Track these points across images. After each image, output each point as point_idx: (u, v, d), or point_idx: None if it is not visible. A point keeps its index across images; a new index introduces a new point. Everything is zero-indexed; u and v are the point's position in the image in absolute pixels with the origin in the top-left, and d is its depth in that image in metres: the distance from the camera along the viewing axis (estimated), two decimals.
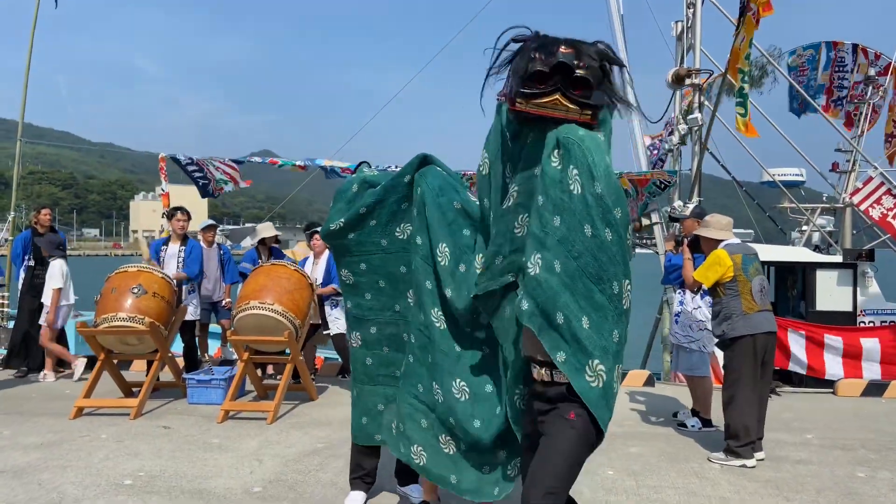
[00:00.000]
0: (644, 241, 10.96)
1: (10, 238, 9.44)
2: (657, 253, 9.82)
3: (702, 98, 9.82)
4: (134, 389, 6.72)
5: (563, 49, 2.52)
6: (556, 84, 2.50)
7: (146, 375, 6.67)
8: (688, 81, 9.71)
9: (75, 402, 6.19)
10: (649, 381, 7.82)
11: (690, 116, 9.68)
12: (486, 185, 2.99)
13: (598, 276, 2.42)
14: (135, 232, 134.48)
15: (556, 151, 2.52)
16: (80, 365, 7.63)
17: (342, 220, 3.71)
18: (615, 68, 2.65)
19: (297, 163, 9.23)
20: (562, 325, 2.43)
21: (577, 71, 2.48)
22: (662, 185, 8.87)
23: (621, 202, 2.47)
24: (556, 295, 2.43)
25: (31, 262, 7.85)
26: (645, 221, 9.80)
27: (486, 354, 3.26)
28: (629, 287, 2.48)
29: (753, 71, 7.73)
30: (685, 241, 5.77)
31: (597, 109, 2.56)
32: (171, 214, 7.61)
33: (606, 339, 2.43)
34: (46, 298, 7.46)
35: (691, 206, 6.67)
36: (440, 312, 3.31)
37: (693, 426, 5.99)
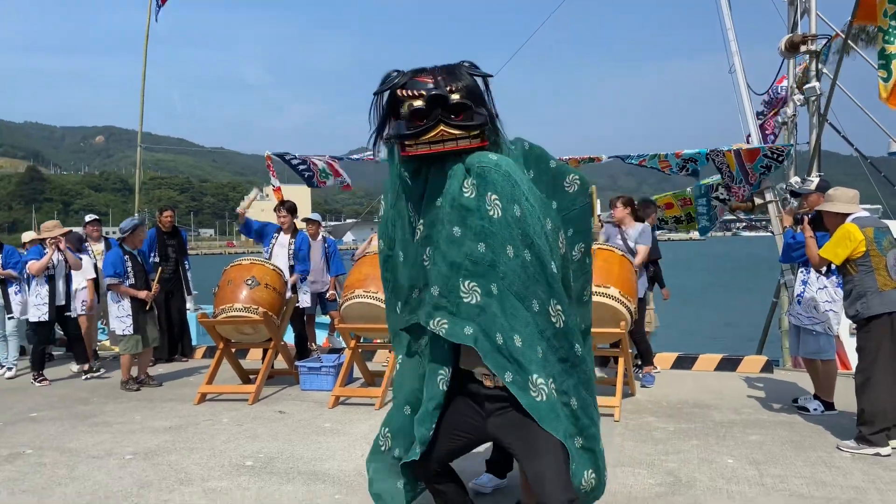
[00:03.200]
0: (753, 223, 10.34)
1: None
2: (772, 233, 9.23)
3: (819, 65, 9.12)
4: (251, 376, 7.04)
5: (429, 79, 2.58)
6: (437, 116, 2.55)
7: (261, 363, 6.98)
8: (803, 49, 9.04)
9: (199, 389, 6.58)
10: (767, 367, 7.42)
11: (808, 86, 9.01)
12: (388, 225, 3.03)
13: (523, 294, 2.58)
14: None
15: (467, 181, 2.60)
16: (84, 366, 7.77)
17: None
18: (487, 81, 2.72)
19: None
20: (502, 346, 2.59)
21: (452, 96, 2.55)
22: (776, 156, 8.29)
23: (545, 221, 2.61)
24: (495, 317, 2.59)
25: (157, 259, 8.37)
26: (758, 200, 9.20)
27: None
28: (558, 308, 2.60)
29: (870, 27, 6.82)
30: (805, 218, 5.39)
31: (483, 128, 2.63)
32: (275, 209, 7.99)
33: (537, 353, 2.59)
34: (82, 290, 8.10)
35: (815, 180, 6.15)
36: None
37: (815, 409, 5.67)
